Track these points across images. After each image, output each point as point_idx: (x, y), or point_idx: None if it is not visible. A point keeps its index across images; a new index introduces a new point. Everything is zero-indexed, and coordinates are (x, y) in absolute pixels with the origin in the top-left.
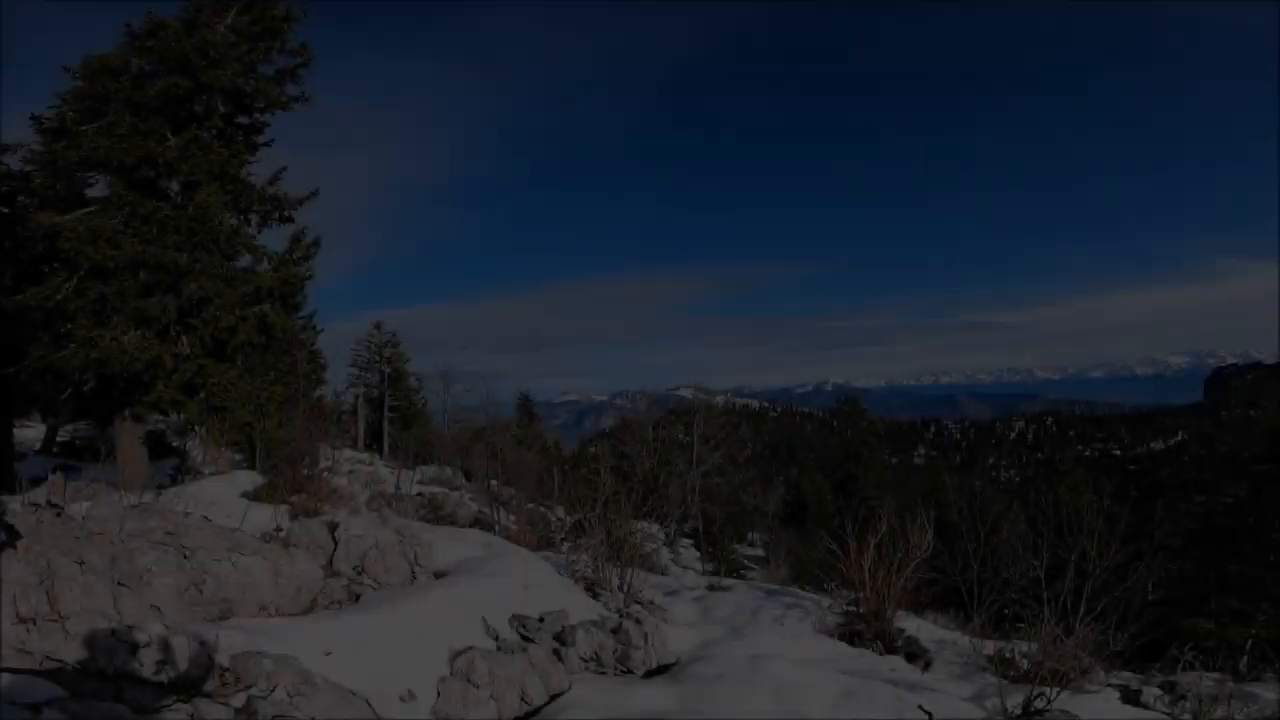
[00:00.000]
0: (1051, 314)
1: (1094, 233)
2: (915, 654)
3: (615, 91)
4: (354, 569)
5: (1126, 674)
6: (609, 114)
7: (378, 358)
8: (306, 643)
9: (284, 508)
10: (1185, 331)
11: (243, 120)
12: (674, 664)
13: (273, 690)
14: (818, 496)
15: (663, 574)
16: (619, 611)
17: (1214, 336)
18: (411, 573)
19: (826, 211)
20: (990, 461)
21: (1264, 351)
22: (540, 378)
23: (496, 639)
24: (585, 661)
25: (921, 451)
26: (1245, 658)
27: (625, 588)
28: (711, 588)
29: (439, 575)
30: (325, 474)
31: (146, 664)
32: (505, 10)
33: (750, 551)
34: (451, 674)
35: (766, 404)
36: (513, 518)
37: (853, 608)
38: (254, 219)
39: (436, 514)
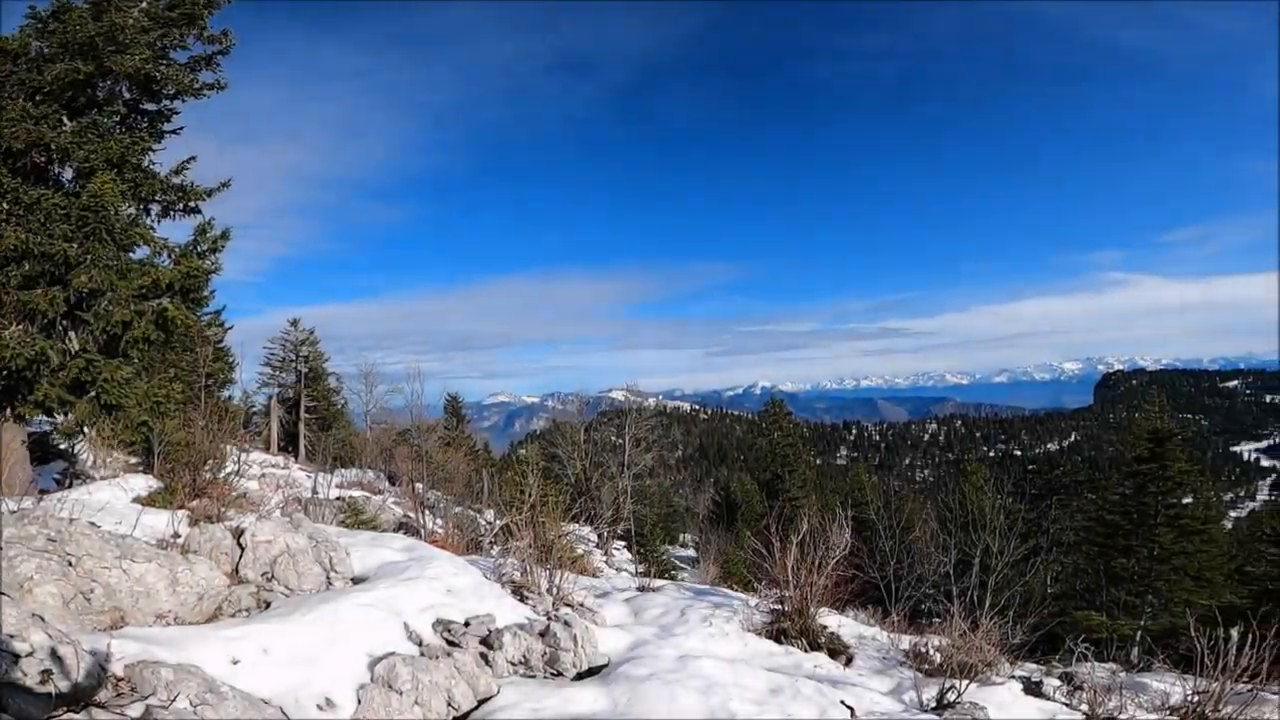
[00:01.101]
0: (962, 322)
1: (1001, 247)
2: (838, 650)
3: (561, 93)
4: (263, 576)
5: (1031, 665)
6: (548, 115)
7: (293, 356)
8: (210, 651)
9: (183, 513)
10: (1079, 339)
11: (150, 107)
12: (605, 665)
13: (173, 700)
14: (747, 497)
15: (594, 576)
16: (548, 615)
17: (1103, 344)
18: (327, 579)
19: (759, 219)
20: (907, 462)
21: (1147, 358)
22: (470, 378)
23: (420, 644)
24: (514, 665)
25: (844, 452)
26: (1135, 649)
27: (555, 590)
28: (642, 589)
29: (358, 581)
30: (232, 478)
31: (30, 674)
32: (453, 6)
33: (683, 552)
34: (372, 680)
35: (697, 406)
36: (440, 522)
37: (778, 606)
38: (155, 209)
39: (357, 518)
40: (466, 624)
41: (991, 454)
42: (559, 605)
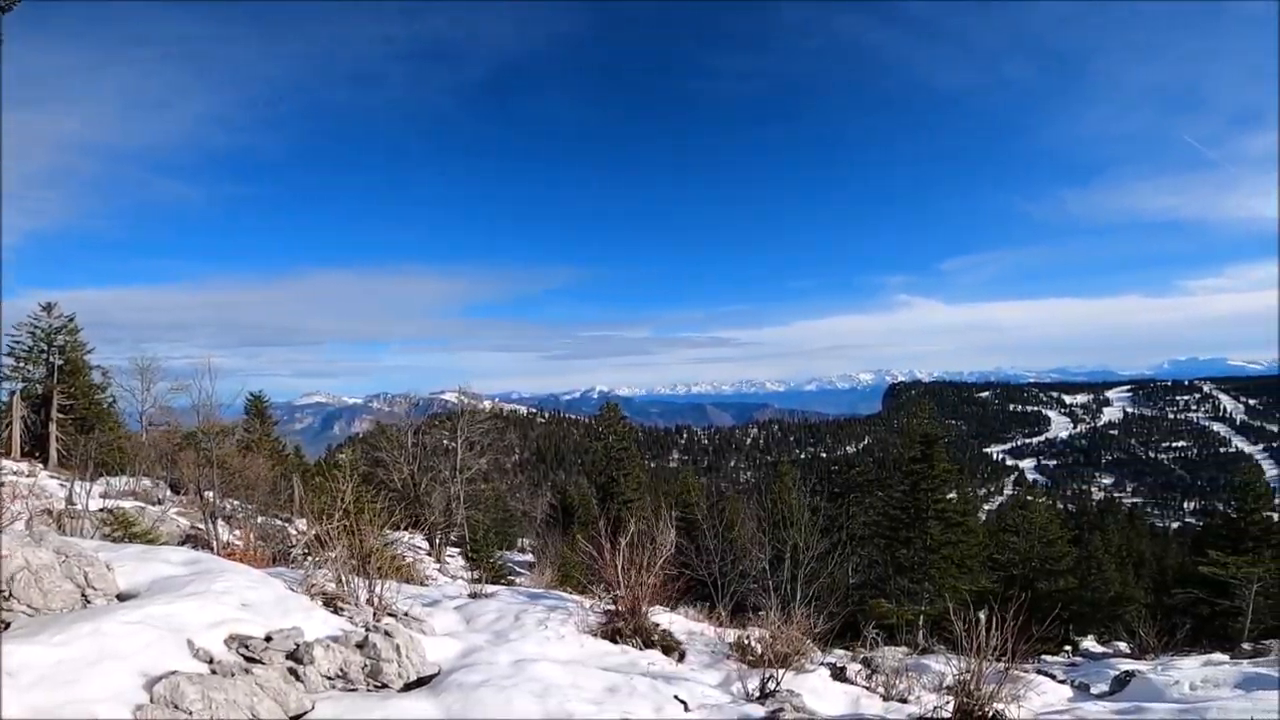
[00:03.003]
0: (783, 334)
1: (820, 267)
2: (671, 647)
3: (416, 82)
4: None
5: (840, 651)
6: (399, 103)
7: (45, 346)
8: None
9: None
10: (873, 353)
11: None
12: (435, 674)
13: None
14: (583, 500)
15: (423, 585)
16: (367, 626)
17: (892, 358)
18: (82, 596)
19: (605, 227)
20: (732, 464)
21: (924, 371)
22: (281, 377)
23: (210, 661)
24: (330, 679)
25: (676, 456)
26: (921, 632)
27: (376, 601)
28: (474, 595)
29: (125, 598)
30: None
31: None
32: None
33: (521, 557)
34: (152, 701)
35: (535, 410)
36: (238, 533)
37: (612, 607)
38: None
39: (128, 531)
40: (268, 639)
41: (802, 456)
42: (381, 616)
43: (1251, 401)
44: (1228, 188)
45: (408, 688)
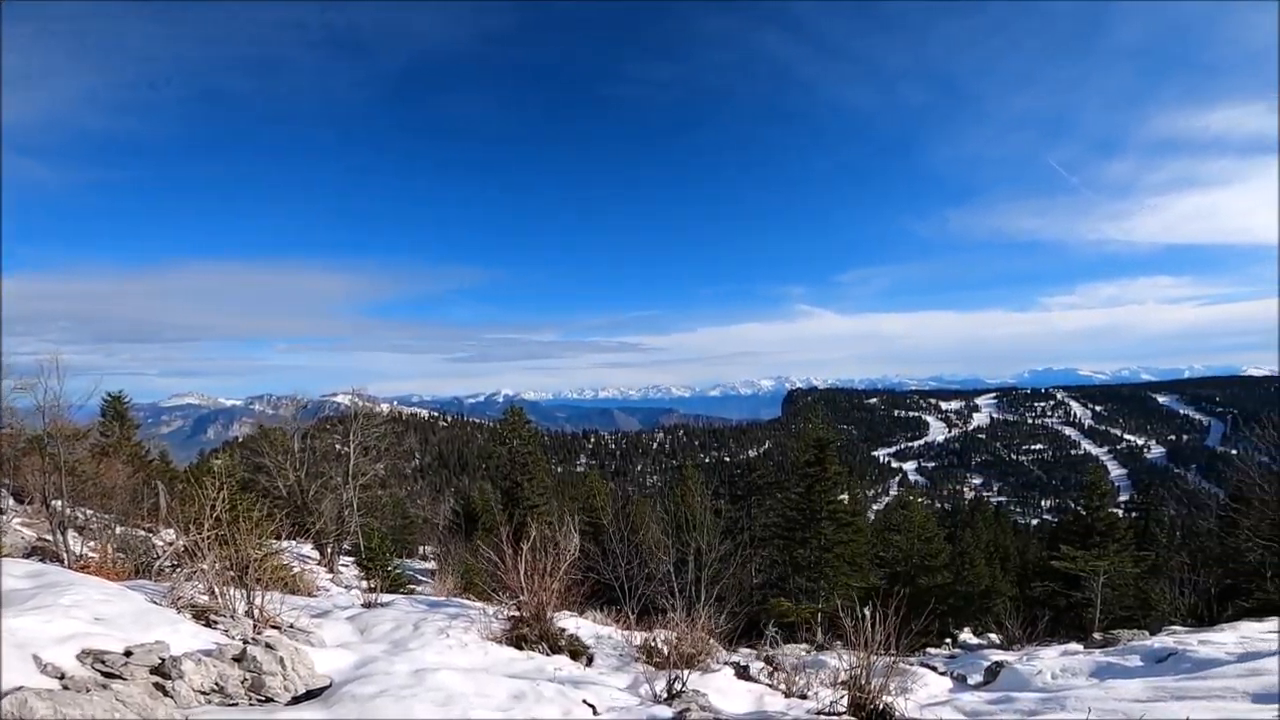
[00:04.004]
0: (689, 340)
1: (726, 275)
2: (579, 651)
3: (324, 72)
4: None
5: (746, 650)
6: (304, 91)
7: None
8: None
9: None
10: (774, 360)
11: None
12: (326, 687)
13: None
14: (488, 506)
15: (311, 595)
16: (244, 639)
17: (791, 365)
18: None
19: (517, 228)
20: (639, 468)
21: (819, 378)
22: (147, 376)
23: (61, 677)
24: (205, 694)
25: (583, 460)
26: (819, 629)
27: (256, 613)
28: (369, 605)
29: None
30: None
31: None
32: None
33: (422, 565)
34: None
35: (437, 413)
36: (94, 544)
37: (516, 613)
38: None
39: None
40: (128, 654)
41: (707, 460)
42: (262, 628)
43: (1097, 408)
44: (1083, 212)
45: (296, 701)
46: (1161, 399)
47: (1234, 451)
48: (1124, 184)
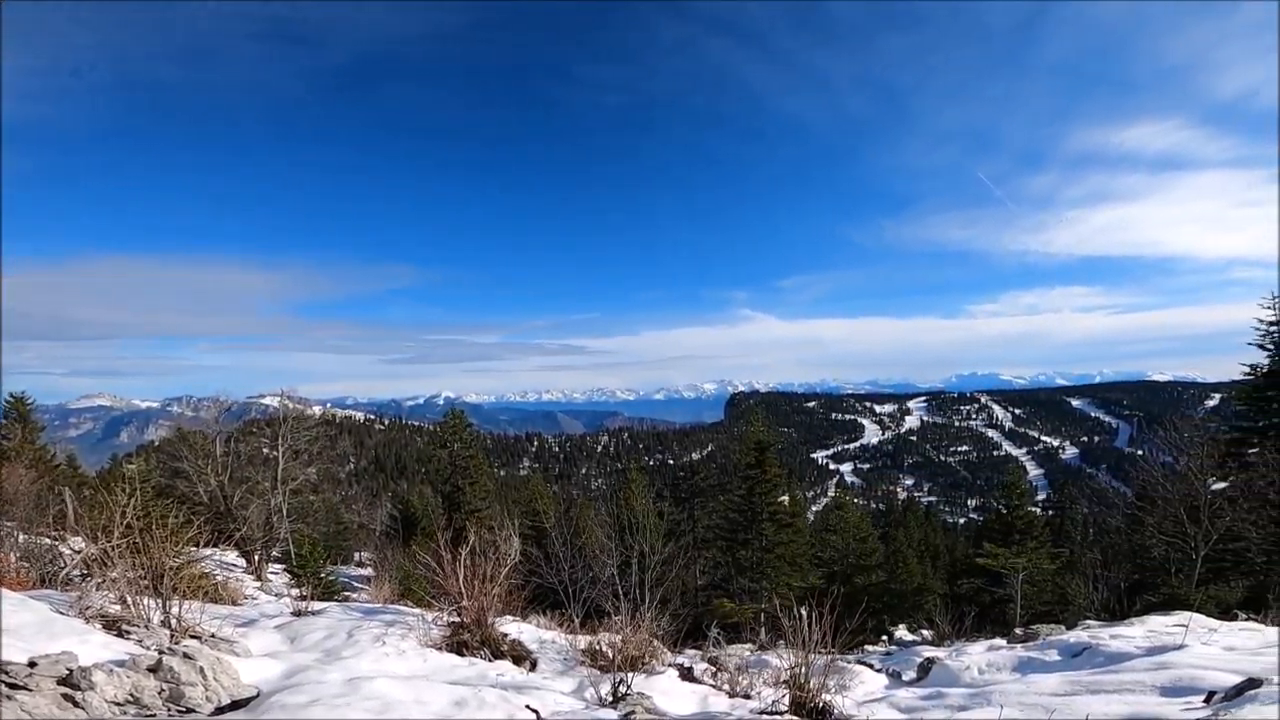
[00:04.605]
0: (634, 343)
1: (670, 279)
2: (522, 656)
3: (263, 61)
4: None
5: (692, 651)
6: (239, 82)
7: None
8: None
9: None
10: (717, 364)
11: None
12: (254, 697)
13: None
14: (427, 511)
15: (235, 604)
16: (160, 649)
17: (734, 369)
18: None
19: (460, 228)
20: (583, 472)
21: (760, 382)
22: (52, 375)
23: None
24: (119, 705)
25: (526, 464)
26: (763, 629)
27: (174, 622)
28: (299, 613)
29: None
30: None
31: None
32: None
33: (359, 571)
34: None
35: (373, 416)
36: None
37: (457, 619)
38: None
39: None
40: (32, 664)
41: (651, 463)
42: (180, 638)
43: (1017, 411)
44: (1007, 223)
45: (220, 711)
46: (1075, 402)
47: (1140, 452)
48: (1045, 197)
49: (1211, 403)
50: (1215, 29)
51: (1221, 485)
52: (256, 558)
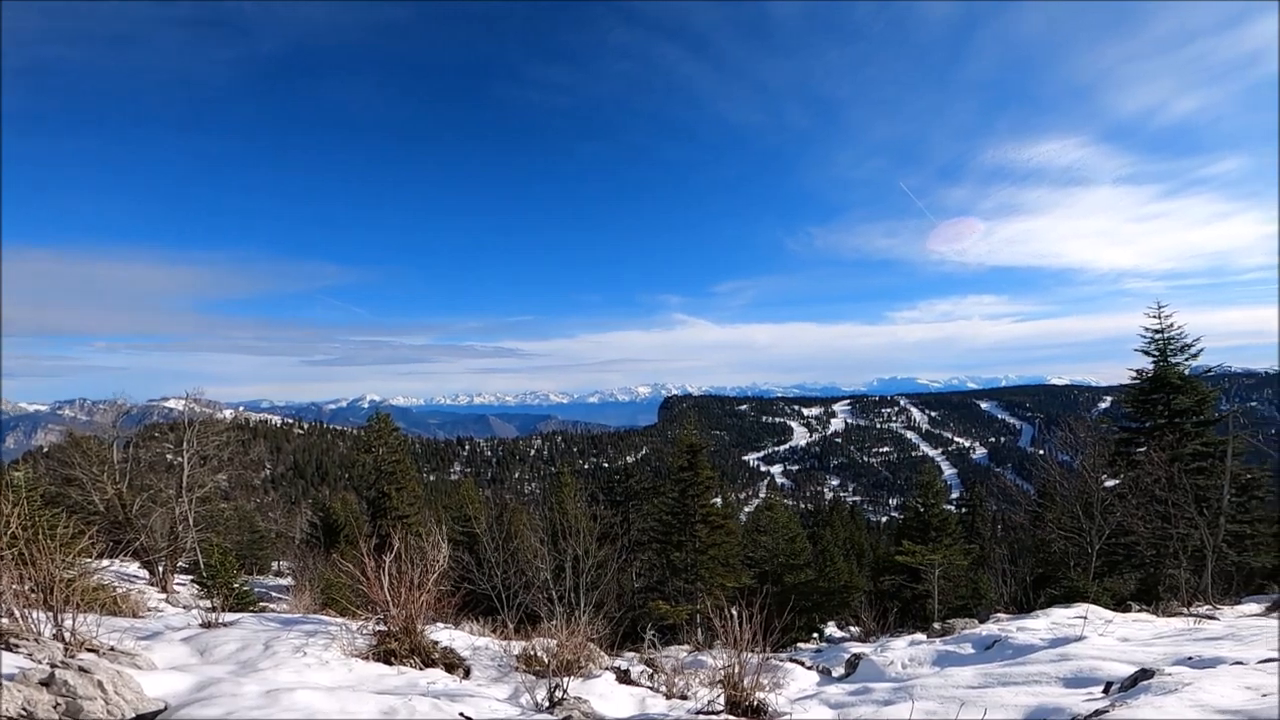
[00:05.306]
0: (569, 346)
1: (607, 282)
2: (454, 664)
3: (189, 48)
4: None
5: (630, 653)
6: (160, 68)
7: None
8: None
9: None
10: (651, 367)
11: None
12: (160, 711)
13: None
14: (351, 517)
15: (137, 616)
16: (51, 662)
17: (668, 372)
18: None
19: (391, 224)
20: (516, 475)
21: (694, 385)
22: None
23: None
24: None
25: (457, 468)
26: (699, 630)
27: (67, 635)
28: (209, 625)
29: None
30: None
31: None
32: None
33: (278, 581)
34: None
35: (291, 420)
36: None
37: (383, 627)
38: None
39: None
40: None
41: (586, 466)
42: (75, 652)
43: (933, 413)
44: (927, 234)
45: None
46: (984, 405)
47: (1040, 452)
48: (961, 209)
49: (1104, 405)
50: (1124, 50)
51: (1113, 482)
52: (161, 569)
